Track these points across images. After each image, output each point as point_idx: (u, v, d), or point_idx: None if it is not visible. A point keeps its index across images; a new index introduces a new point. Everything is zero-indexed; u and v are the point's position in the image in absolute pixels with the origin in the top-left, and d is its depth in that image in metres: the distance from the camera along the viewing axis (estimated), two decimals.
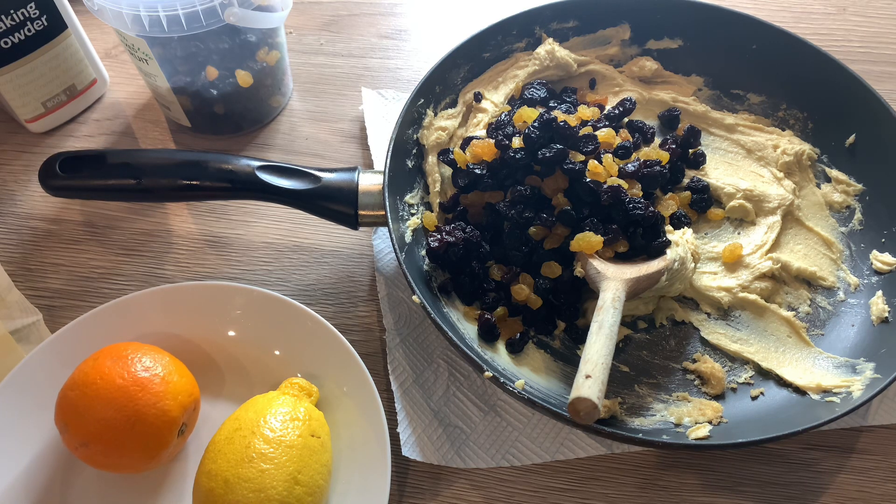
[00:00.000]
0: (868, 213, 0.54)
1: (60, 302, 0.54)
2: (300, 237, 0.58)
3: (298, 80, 0.68)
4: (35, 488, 0.45)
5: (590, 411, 0.38)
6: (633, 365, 0.49)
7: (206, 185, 0.50)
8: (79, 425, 0.42)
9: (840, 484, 0.46)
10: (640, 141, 0.57)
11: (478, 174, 0.51)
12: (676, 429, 0.45)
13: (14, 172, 0.62)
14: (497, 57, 0.60)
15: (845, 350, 0.49)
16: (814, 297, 0.52)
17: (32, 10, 0.55)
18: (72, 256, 0.57)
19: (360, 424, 0.45)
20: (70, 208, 0.59)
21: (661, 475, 0.47)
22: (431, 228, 0.52)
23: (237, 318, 0.50)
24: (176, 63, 0.56)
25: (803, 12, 0.73)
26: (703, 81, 0.62)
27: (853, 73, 0.55)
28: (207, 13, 0.51)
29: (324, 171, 0.51)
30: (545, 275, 0.49)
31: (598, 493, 0.46)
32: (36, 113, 0.62)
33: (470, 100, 0.58)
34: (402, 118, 0.53)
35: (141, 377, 0.43)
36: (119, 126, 0.65)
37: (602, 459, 0.47)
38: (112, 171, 0.50)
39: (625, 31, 0.62)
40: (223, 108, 0.61)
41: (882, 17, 0.73)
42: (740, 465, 0.47)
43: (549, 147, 0.48)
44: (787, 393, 0.47)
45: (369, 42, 0.71)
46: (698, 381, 0.48)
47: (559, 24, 0.61)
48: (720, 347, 0.50)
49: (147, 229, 0.58)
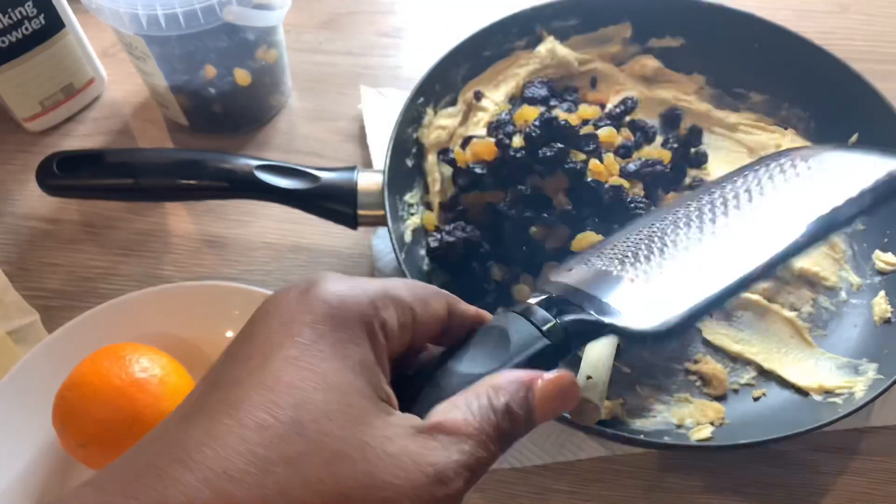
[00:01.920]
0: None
1: (58, 302, 0.54)
2: (299, 237, 0.58)
3: (297, 79, 0.67)
4: (33, 489, 0.44)
5: (591, 412, 0.38)
6: (634, 366, 0.48)
7: (204, 184, 0.50)
8: (76, 426, 0.42)
9: (843, 485, 0.46)
10: (641, 140, 0.56)
11: (478, 173, 0.50)
12: (678, 430, 0.44)
13: (11, 172, 0.61)
14: (497, 55, 0.60)
15: (848, 351, 0.48)
16: (816, 298, 0.52)
17: (30, 8, 0.55)
18: (69, 256, 0.57)
19: None
20: (68, 208, 0.59)
21: (663, 476, 0.46)
22: (431, 228, 0.52)
23: (236, 318, 0.50)
24: (174, 62, 0.56)
25: (805, 10, 0.73)
26: (704, 80, 0.62)
27: (856, 71, 0.55)
28: (206, 11, 0.51)
29: (323, 171, 0.51)
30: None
31: (600, 495, 0.46)
32: (33, 112, 0.61)
33: (470, 98, 0.58)
34: (401, 117, 0.53)
35: (139, 378, 0.42)
36: (117, 125, 0.65)
37: (603, 461, 0.47)
38: (110, 170, 0.50)
39: (626, 30, 0.62)
40: (221, 107, 0.61)
41: (885, 16, 0.73)
42: (742, 466, 0.47)
43: (550, 146, 0.48)
44: (789, 394, 0.47)
45: (369, 40, 0.71)
46: (700, 382, 0.48)
47: (560, 22, 0.61)
48: (722, 348, 0.49)
49: (145, 229, 0.58)
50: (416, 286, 0.27)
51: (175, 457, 0.21)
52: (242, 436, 0.21)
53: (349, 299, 0.24)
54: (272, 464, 0.21)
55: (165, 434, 0.22)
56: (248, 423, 0.21)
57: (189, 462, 0.20)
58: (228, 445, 0.21)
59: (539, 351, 0.27)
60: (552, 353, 0.27)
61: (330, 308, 0.24)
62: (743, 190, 0.35)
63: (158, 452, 0.21)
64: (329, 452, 0.21)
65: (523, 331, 0.27)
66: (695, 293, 0.30)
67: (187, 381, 0.45)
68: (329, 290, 0.24)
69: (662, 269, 0.31)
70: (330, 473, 0.21)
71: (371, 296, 0.25)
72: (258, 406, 0.21)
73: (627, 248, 0.34)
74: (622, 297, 0.30)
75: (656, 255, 0.32)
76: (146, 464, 0.21)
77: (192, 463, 0.20)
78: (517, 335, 0.27)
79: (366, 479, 0.21)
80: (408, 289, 0.26)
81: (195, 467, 0.20)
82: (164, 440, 0.22)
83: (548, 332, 0.27)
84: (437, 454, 0.23)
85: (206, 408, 0.22)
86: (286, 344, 0.23)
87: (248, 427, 0.21)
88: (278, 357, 0.23)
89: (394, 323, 0.25)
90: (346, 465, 0.21)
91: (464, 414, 0.24)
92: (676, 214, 0.35)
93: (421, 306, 0.26)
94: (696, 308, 0.29)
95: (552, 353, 0.27)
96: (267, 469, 0.20)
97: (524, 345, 0.27)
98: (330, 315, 0.24)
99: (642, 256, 0.32)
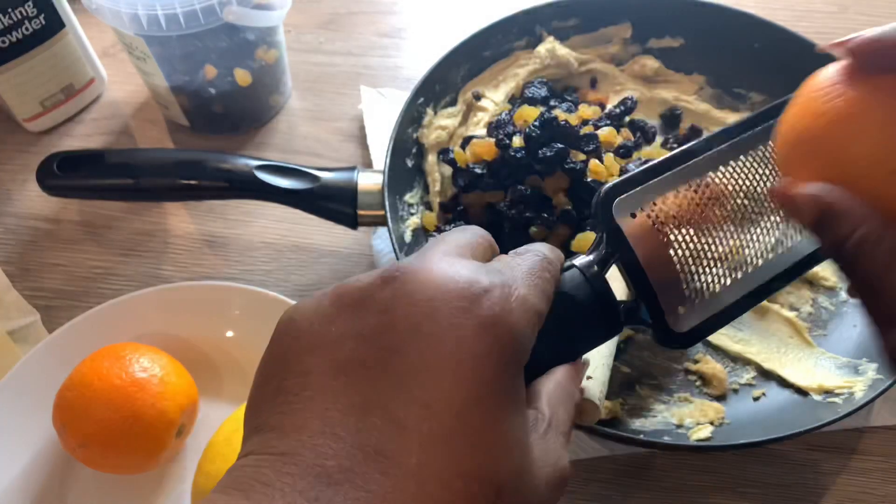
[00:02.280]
0: None
1: (58, 302, 0.54)
2: (299, 237, 0.58)
3: (297, 79, 0.67)
4: (33, 490, 0.44)
5: (591, 412, 0.38)
6: (634, 366, 0.49)
7: (204, 184, 0.50)
8: (77, 426, 0.42)
9: (842, 485, 0.46)
10: (641, 140, 0.56)
11: (478, 174, 0.50)
12: (678, 430, 0.44)
13: (11, 172, 0.61)
14: (497, 55, 0.60)
15: (847, 350, 0.48)
16: (816, 298, 0.51)
17: (30, 8, 0.55)
18: (69, 256, 0.57)
19: None
20: (68, 208, 0.59)
21: (662, 476, 0.46)
22: (431, 228, 0.52)
23: (236, 318, 0.50)
24: (174, 62, 0.56)
25: (805, 10, 0.73)
26: (704, 80, 0.62)
27: None
28: (206, 11, 0.51)
29: (323, 171, 0.51)
30: None
31: (600, 495, 0.46)
32: (34, 112, 0.61)
33: (470, 98, 0.58)
34: (401, 117, 0.53)
35: (139, 378, 0.42)
36: (117, 125, 0.65)
37: (603, 461, 0.47)
38: (110, 170, 0.50)
39: (626, 30, 0.62)
40: (222, 107, 0.61)
41: (884, 16, 0.73)
42: (742, 466, 0.47)
43: (550, 146, 0.48)
44: (788, 394, 0.47)
45: (368, 41, 0.71)
46: (700, 382, 0.48)
47: (560, 22, 0.61)
48: (722, 348, 0.49)
49: (145, 229, 0.58)
50: (540, 279, 0.26)
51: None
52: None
53: (528, 332, 0.23)
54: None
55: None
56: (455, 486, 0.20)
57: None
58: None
59: (598, 336, 0.29)
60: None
61: (517, 350, 0.23)
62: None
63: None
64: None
65: (588, 309, 0.28)
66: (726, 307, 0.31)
67: (187, 380, 0.45)
68: (514, 326, 0.23)
69: (718, 293, 0.31)
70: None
71: (534, 323, 0.24)
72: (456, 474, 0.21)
73: (705, 247, 0.31)
74: (671, 305, 0.30)
75: (726, 279, 0.31)
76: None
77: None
78: (583, 313, 0.28)
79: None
80: (540, 295, 0.25)
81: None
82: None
83: (611, 315, 0.29)
84: (564, 457, 0.25)
85: (404, 466, 0.20)
86: (481, 399, 0.21)
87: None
88: (475, 417, 0.21)
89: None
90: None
91: (568, 412, 0.26)
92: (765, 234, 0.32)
93: (548, 303, 0.26)
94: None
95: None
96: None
97: (589, 327, 0.28)
98: (516, 359, 0.23)
99: (715, 280, 0.31)
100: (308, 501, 0.19)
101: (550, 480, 0.23)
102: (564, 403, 0.26)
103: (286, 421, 0.21)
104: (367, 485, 0.19)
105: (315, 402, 0.21)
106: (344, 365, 0.21)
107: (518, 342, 0.22)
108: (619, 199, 0.31)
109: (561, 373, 0.27)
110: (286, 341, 0.23)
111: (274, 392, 0.22)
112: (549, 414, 0.25)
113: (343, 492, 0.19)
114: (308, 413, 0.21)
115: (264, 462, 0.20)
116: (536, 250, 0.27)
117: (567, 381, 0.27)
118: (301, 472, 0.19)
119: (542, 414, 0.25)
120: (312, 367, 0.21)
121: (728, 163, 0.32)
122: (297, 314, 0.23)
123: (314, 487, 0.19)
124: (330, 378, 0.21)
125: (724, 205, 0.32)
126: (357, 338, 0.22)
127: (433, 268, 0.23)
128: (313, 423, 0.20)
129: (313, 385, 0.21)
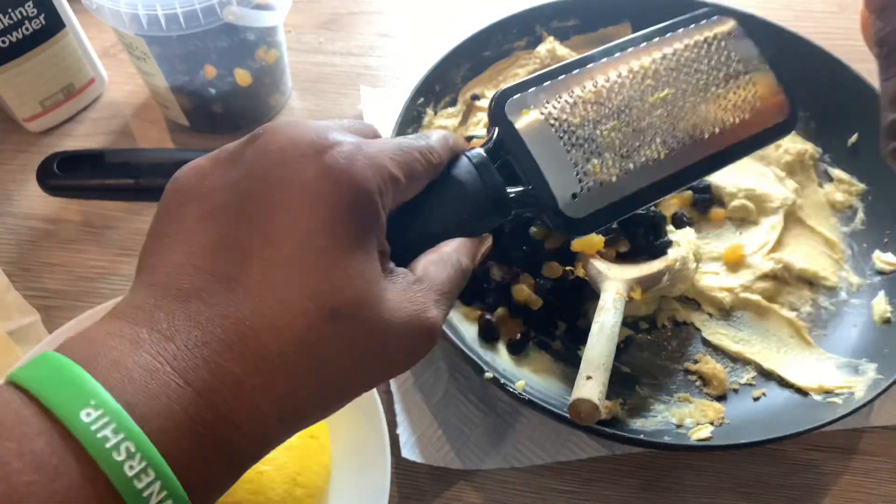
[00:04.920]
0: (870, 213, 0.54)
1: (58, 302, 0.54)
2: None
3: (297, 79, 0.67)
4: None
5: (591, 412, 0.38)
6: (634, 366, 0.49)
7: None
8: None
9: (842, 485, 0.46)
10: None
11: None
12: (678, 430, 0.44)
13: (11, 172, 0.61)
14: (497, 55, 0.60)
15: (847, 351, 0.48)
16: (816, 298, 0.52)
17: (31, 8, 0.55)
18: (70, 256, 0.57)
19: (360, 426, 0.45)
20: (68, 208, 0.59)
21: (662, 476, 0.46)
22: None
23: None
24: (174, 62, 0.56)
25: (805, 10, 0.73)
26: None
27: (855, 72, 0.55)
28: (206, 12, 0.51)
29: None
30: (546, 275, 0.49)
31: (600, 495, 0.46)
32: (33, 112, 0.61)
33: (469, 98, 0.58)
34: (401, 117, 0.53)
35: None
36: (117, 125, 0.65)
37: (603, 461, 0.47)
38: (110, 170, 0.50)
39: (626, 30, 0.62)
40: (222, 108, 0.61)
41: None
42: (742, 466, 0.47)
43: None
44: (788, 394, 0.47)
45: (368, 41, 0.71)
46: (700, 382, 0.48)
47: (560, 22, 0.61)
48: (722, 348, 0.49)
49: (145, 229, 0.57)
50: (405, 153, 0.28)
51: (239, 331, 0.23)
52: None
53: (371, 184, 0.25)
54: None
55: (211, 299, 0.23)
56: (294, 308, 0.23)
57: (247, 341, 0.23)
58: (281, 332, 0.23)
59: (490, 221, 0.33)
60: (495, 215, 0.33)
61: (356, 197, 0.25)
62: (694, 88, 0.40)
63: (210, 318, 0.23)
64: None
65: (477, 196, 0.32)
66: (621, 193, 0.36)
67: None
68: (355, 175, 0.25)
69: (613, 181, 0.36)
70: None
71: (379, 181, 0.26)
72: (303, 296, 0.23)
73: (593, 134, 0.36)
74: (565, 191, 0.34)
75: (617, 166, 0.36)
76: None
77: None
78: (471, 199, 0.31)
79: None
80: (397, 164, 0.27)
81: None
82: (213, 307, 0.23)
83: (498, 201, 0.32)
84: (431, 309, 0.27)
85: (245, 285, 0.23)
86: (318, 231, 0.24)
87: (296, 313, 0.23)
88: (312, 247, 0.24)
89: (389, 200, 0.27)
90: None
91: (444, 273, 0.29)
92: (653, 107, 0.38)
93: (408, 176, 0.28)
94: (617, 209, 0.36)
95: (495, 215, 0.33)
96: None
97: (479, 212, 0.32)
98: (356, 204, 0.25)
99: (605, 166, 0.36)
100: (160, 311, 0.23)
101: (412, 325, 0.26)
102: (440, 266, 0.29)
103: (159, 260, 0.24)
104: (212, 298, 0.23)
105: (183, 243, 0.24)
106: (211, 211, 0.25)
107: (359, 192, 0.25)
108: (515, 99, 0.35)
109: (447, 244, 0.30)
110: (169, 195, 0.26)
111: (155, 239, 0.25)
112: (420, 273, 0.28)
113: (190, 305, 0.23)
114: (176, 252, 0.24)
115: (137, 293, 0.24)
116: (423, 135, 0.30)
117: (450, 251, 0.30)
118: (161, 294, 0.23)
119: (413, 272, 0.28)
120: (186, 216, 0.25)
121: (619, 69, 0.38)
122: (180, 174, 0.27)
123: (168, 304, 0.23)
124: (197, 222, 0.25)
125: (611, 101, 0.37)
126: (223, 189, 0.25)
127: (293, 125, 0.26)
128: (178, 258, 0.24)
129: (185, 230, 0.25)
